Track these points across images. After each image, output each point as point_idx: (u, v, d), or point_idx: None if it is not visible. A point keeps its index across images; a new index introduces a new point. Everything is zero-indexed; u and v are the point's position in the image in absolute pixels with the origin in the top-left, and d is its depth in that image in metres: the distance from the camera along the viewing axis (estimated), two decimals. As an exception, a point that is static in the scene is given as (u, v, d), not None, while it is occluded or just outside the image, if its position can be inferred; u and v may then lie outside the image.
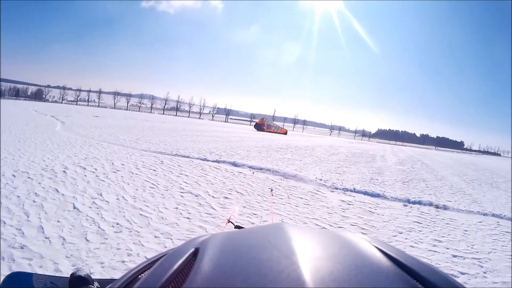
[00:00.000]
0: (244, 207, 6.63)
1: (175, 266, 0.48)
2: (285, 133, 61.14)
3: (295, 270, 0.42)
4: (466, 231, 6.59)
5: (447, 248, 5.39)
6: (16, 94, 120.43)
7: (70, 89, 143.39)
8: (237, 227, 2.36)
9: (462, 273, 4.45)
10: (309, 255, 0.47)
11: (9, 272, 2.42)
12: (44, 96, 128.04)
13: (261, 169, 11.30)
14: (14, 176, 6.96)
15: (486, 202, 9.89)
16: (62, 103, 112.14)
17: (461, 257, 5.07)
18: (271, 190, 6.66)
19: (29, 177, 6.97)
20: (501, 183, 16.03)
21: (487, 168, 26.60)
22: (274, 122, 75.10)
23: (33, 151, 10.04)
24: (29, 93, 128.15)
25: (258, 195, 7.71)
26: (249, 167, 11.47)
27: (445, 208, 8.50)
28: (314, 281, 0.39)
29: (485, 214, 8.19)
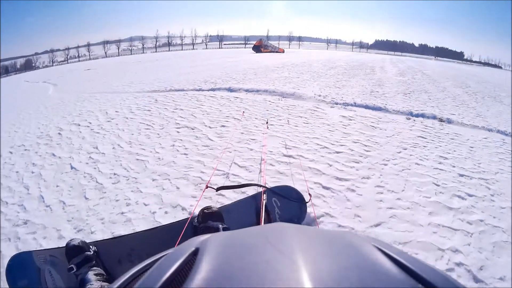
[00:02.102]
0: (242, 133, 6.49)
1: (175, 266, 0.48)
2: (283, 52, 61.10)
3: (295, 270, 0.42)
4: (472, 147, 6.31)
5: (453, 166, 5.19)
6: (6, 71, 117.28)
7: (58, 50, 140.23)
8: (219, 188, 2.27)
9: (470, 195, 4.25)
10: (309, 255, 0.47)
11: (14, 254, 2.35)
12: (34, 65, 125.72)
13: (257, 91, 11.01)
14: (11, 152, 6.85)
15: (491, 117, 9.42)
16: (53, 66, 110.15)
17: (468, 176, 4.86)
18: (267, 123, 6.51)
19: (25, 149, 6.87)
20: (504, 97, 15.12)
21: (489, 80, 25.34)
22: (270, 42, 74.10)
23: (27, 122, 9.86)
24: (18, 66, 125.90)
25: (256, 118, 7.56)
26: (245, 90, 11.20)
27: (449, 121, 8.20)
28: (314, 281, 0.39)
29: (490, 130, 7.85)
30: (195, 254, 0.51)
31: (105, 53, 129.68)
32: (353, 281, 0.40)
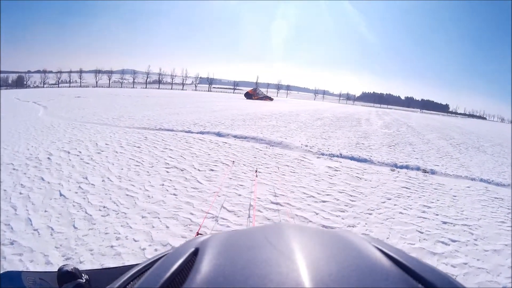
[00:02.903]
0: (230, 178, 6.57)
1: (175, 266, 0.47)
2: (272, 100, 64.97)
3: (295, 270, 0.42)
4: (455, 196, 6.61)
5: (437, 215, 5.43)
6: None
7: (50, 72, 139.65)
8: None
9: (453, 241, 4.48)
10: (308, 255, 0.47)
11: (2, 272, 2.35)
12: (25, 83, 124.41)
13: (246, 137, 11.22)
14: (-2, 169, 6.79)
15: (474, 167, 9.95)
16: (44, 87, 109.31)
17: (451, 223, 5.10)
18: (256, 171, 6.67)
19: (14, 169, 6.81)
20: (488, 147, 16.14)
21: (473, 131, 26.93)
22: (261, 90, 76.69)
23: (16, 140, 9.77)
24: (9, 81, 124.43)
25: (244, 165, 7.68)
26: (234, 136, 11.38)
27: (432, 172, 8.54)
28: (314, 281, 0.39)
29: (473, 179, 8.24)
30: (195, 254, 0.52)
31: (96, 82, 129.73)
32: (353, 280, 0.41)
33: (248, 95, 65.60)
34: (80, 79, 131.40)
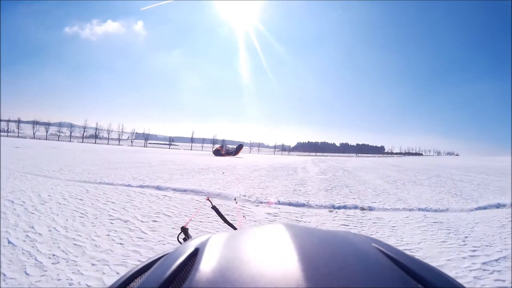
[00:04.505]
0: (173, 228, 6.67)
1: (175, 266, 0.47)
2: (241, 149, 66.43)
3: (295, 270, 0.41)
4: (394, 227, 7.00)
5: None
6: None
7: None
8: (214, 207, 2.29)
9: None
10: (308, 255, 0.46)
11: None
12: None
13: (185, 190, 11.21)
14: None
15: (411, 199, 10.51)
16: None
17: None
18: (235, 199, 6.59)
19: (-44, 217, 6.53)
20: (424, 179, 17.03)
21: (409, 167, 28.07)
22: (229, 146, 76.07)
23: (-45, 188, 9.28)
24: None
25: (186, 215, 7.76)
26: (173, 189, 11.35)
27: (370, 209, 8.92)
28: (314, 281, 0.39)
29: (411, 210, 8.76)
30: (195, 254, 0.51)
31: (34, 134, 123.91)
32: (353, 280, 0.40)
33: (217, 152, 61.72)
34: (18, 129, 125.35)
